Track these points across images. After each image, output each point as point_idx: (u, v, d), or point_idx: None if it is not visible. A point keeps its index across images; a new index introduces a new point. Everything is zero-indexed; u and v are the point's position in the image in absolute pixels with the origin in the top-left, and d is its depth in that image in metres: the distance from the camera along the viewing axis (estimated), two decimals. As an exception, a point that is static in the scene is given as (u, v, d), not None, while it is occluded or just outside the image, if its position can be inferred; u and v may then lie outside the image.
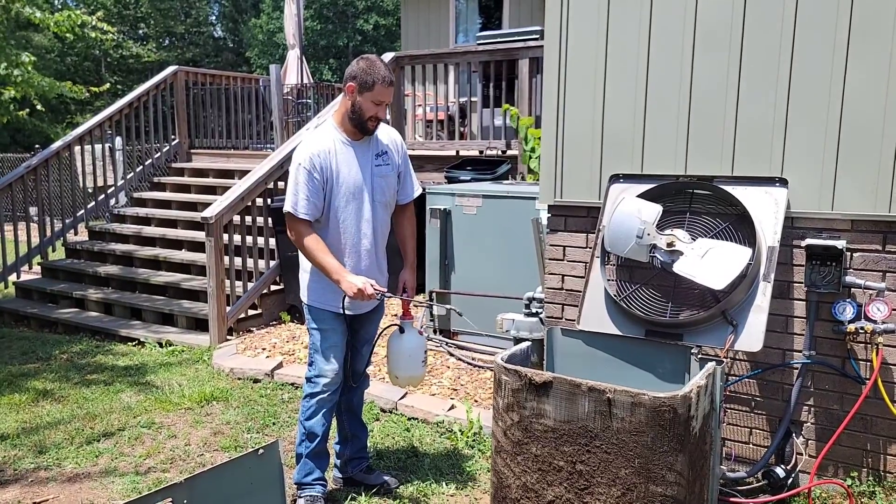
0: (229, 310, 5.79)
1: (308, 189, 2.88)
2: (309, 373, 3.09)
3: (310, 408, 3.06)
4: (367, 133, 2.97)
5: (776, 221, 2.86)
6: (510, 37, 7.71)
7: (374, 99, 2.87)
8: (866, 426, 3.00)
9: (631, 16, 3.28)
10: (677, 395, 2.24)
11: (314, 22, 27.30)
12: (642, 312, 3.00)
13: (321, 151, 2.91)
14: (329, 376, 3.03)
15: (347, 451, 3.28)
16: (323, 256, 2.89)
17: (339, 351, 3.05)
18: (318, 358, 3.05)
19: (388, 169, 3.06)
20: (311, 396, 3.05)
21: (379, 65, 2.89)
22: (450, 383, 4.56)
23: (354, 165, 2.96)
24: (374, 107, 2.89)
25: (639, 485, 2.27)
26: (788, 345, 3.10)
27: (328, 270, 2.88)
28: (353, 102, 2.90)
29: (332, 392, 3.05)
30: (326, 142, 2.95)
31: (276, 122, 8.64)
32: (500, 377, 2.54)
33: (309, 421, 3.06)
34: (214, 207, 5.70)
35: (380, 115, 2.94)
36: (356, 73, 2.88)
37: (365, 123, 2.92)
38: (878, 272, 2.92)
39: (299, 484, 3.09)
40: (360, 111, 2.90)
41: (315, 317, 3.06)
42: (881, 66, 2.82)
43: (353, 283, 2.83)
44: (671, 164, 3.25)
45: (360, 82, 2.87)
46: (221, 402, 4.43)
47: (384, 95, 2.89)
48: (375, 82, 2.86)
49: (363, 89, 2.87)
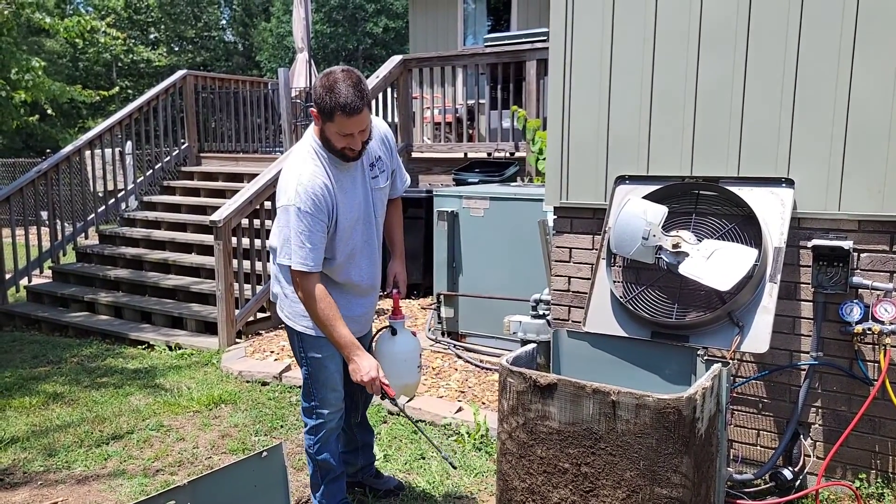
0: (238, 313, 5.82)
1: (314, 237, 2.49)
2: (308, 403, 2.81)
3: (318, 442, 2.80)
4: (347, 161, 2.55)
5: (782, 222, 2.85)
6: (518, 39, 7.72)
7: (337, 130, 2.42)
8: (874, 428, 2.98)
9: (636, 17, 3.27)
10: (682, 397, 2.23)
11: (324, 25, 27.42)
12: (648, 314, 2.99)
13: (320, 187, 2.49)
14: (333, 403, 2.78)
15: (360, 460, 3.16)
16: (339, 327, 2.55)
17: (340, 375, 2.78)
18: (320, 388, 2.76)
19: (383, 178, 2.75)
20: (317, 430, 2.79)
21: (340, 87, 2.36)
22: (457, 386, 4.56)
23: (351, 189, 2.62)
24: (341, 138, 2.45)
25: (644, 487, 2.26)
26: (795, 346, 3.08)
27: (341, 344, 2.57)
28: (322, 130, 2.49)
29: (337, 419, 2.82)
30: (318, 171, 2.52)
31: (284, 126, 8.68)
32: (506, 379, 2.54)
33: (320, 456, 2.81)
34: (223, 211, 5.73)
35: (353, 146, 2.47)
36: (315, 97, 2.41)
37: (340, 153, 2.50)
38: (886, 273, 2.90)
39: None
40: (328, 142, 2.49)
41: (311, 345, 2.74)
42: (888, 64, 2.80)
43: (362, 371, 2.57)
44: (677, 165, 3.24)
45: (319, 109, 2.42)
46: (230, 404, 4.45)
47: (348, 126, 2.40)
48: (334, 111, 2.37)
49: (324, 118, 2.42)
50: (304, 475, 3.49)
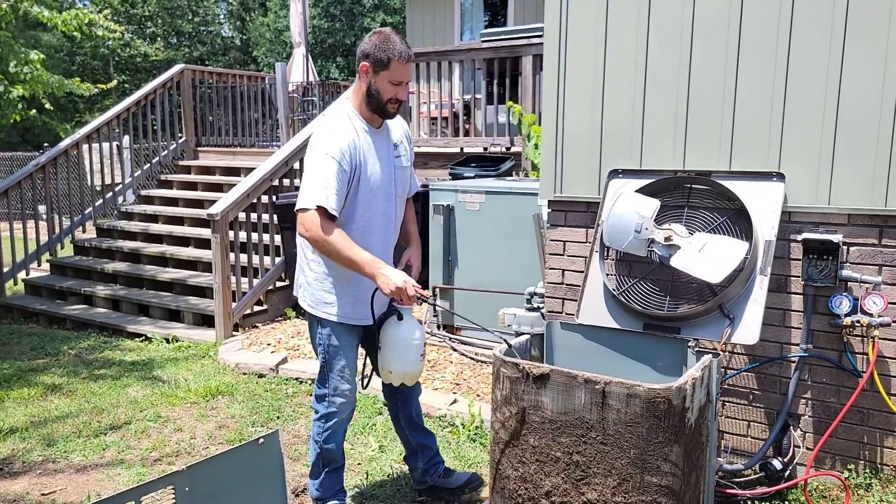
0: (235, 306, 5.85)
1: (338, 182, 2.55)
2: (321, 391, 2.82)
3: (326, 430, 2.82)
4: (387, 117, 2.70)
5: (773, 216, 2.88)
6: (514, 34, 7.74)
7: (391, 78, 2.58)
8: (863, 419, 3.02)
9: (629, 12, 3.30)
10: (672, 387, 2.26)
11: (321, 20, 27.36)
12: (641, 306, 3.02)
13: (349, 141, 2.60)
14: (346, 396, 2.79)
15: (421, 462, 3.11)
16: (355, 250, 2.54)
17: (354, 367, 2.82)
18: (334, 377, 2.78)
19: (405, 160, 2.85)
20: (328, 418, 2.81)
21: (394, 38, 2.58)
22: (452, 378, 4.60)
23: (377, 156, 2.69)
24: (392, 87, 2.60)
25: (634, 475, 2.30)
26: (786, 338, 3.12)
27: (361, 264, 2.54)
28: (369, 84, 2.61)
29: (348, 412, 2.84)
30: (349, 130, 2.64)
31: (281, 120, 8.70)
32: (499, 370, 2.58)
33: (327, 444, 2.83)
34: (220, 204, 5.75)
35: (400, 97, 2.63)
36: (369, 51, 2.57)
37: (384, 107, 2.63)
38: (875, 266, 2.94)
39: (320, 500, 2.92)
40: (378, 93, 2.61)
41: (330, 333, 2.75)
42: (877, 60, 2.83)
43: (392, 280, 2.53)
44: (669, 159, 3.27)
45: (374, 60, 2.57)
46: (227, 396, 4.49)
47: (402, 73, 2.59)
48: (391, 59, 2.55)
49: (378, 68, 2.57)
50: (301, 465, 3.53)
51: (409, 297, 2.56)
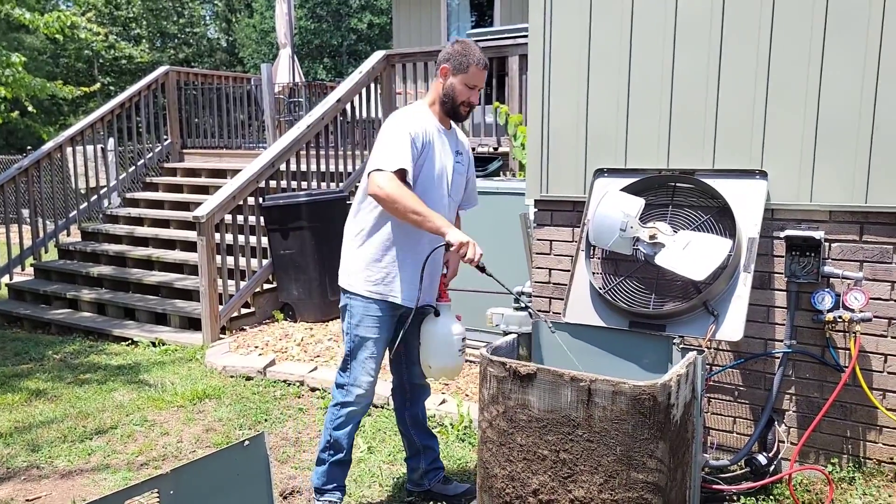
0: (222, 308, 5.82)
1: (410, 151, 2.70)
2: (341, 379, 2.91)
3: (339, 417, 2.90)
4: (458, 119, 2.92)
5: (756, 213, 2.91)
6: (501, 34, 7.74)
7: (467, 82, 2.81)
8: (846, 413, 3.05)
9: (613, 13, 3.32)
10: (657, 384, 2.28)
11: (308, 21, 27.29)
12: (626, 304, 3.04)
13: (423, 126, 2.80)
14: (365, 388, 2.87)
15: (423, 463, 3.15)
16: (423, 206, 2.65)
17: (379, 363, 2.90)
18: (357, 367, 2.86)
19: (463, 168, 3.01)
20: (343, 406, 2.89)
21: (474, 47, 2.84)
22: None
23: (440, 152, 2.87)
24: (467, 90, 2.82)
25: (620, 472, 2.32)
26: (770, 334, 3.15)
27: (432, 217, 2.64)
28: (446, 85, 2.84)
29: (364, 405, 2.91)
30: (426, 118, 2.85)
31: (268, 122, 8.67)
32: (486, 369, 2.58)
33: (338, 431, 2.91)
34: (206, 206, 5.73)
35: (472, 101, 2.86)
36: (450, 56, 2.83)
37: (458, 108, 2.85)
38: (856, 262, 2.97)
39: (319, 489, 2.98)
40: (454, 94, 2.83)
41: (362, 322, 2.84)
42: (856, 60, 2.87)
43: (462, 235, 2.65)
44: (654, 158, 3.29)
45: (455, 64, 2.81)
46: (214, 399, 4.47)
47: (478, 79, 2.83)
48: (470, 64, 2.80)
49: (457, 71, 2.81)
50: (289, 467, 3.52)
51: (473, 257, 2.66)
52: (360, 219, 2.87)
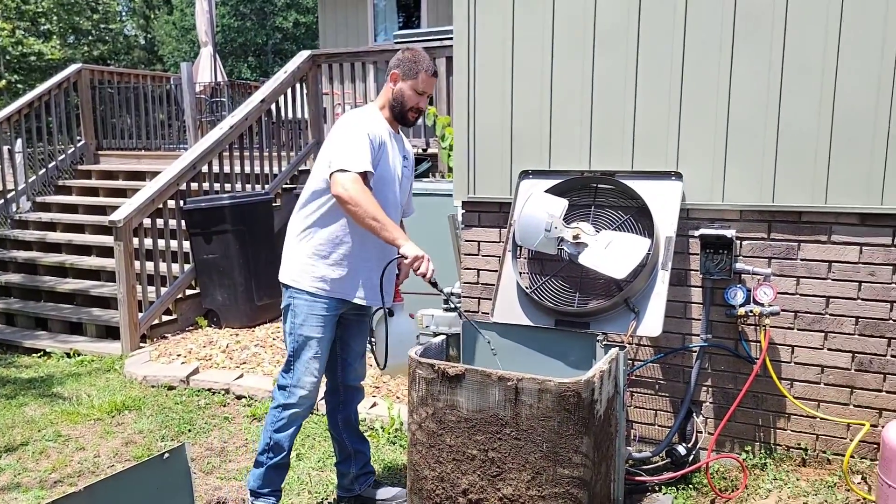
0: (141, 316, 5.61)
1: (369, 150, 2.71)
2: (284, 380, 2.88)
3: (280, 419, 2.87)
4: (406, 124, 2.97)
5: (673, 213, 3.02)
6: (428, 36, 7.77)
7: (416, 88, 2.86)
8: (758, 403, 3.21)
9: (534, 18, 3.38)
10: (581, 380, 2.33)
11: (231, 19, 26.59)
12: (552, 303, 3.10)
13: (377, 127, 2.83)
14: (308, 389, 2.85)
15: (353, 468, 3.12)
16: (383, 213, 2.66)
17: (324, 365, 2.89)
18: (300, 368, 2.84)
19: (409, 173, 3.06)
20: (285, 408, 2.86)
21: (423, 55, 2.91)
22: (372, 381, 4.57)
23: (390, 156, 2.89)
24: (416, 96, 2.88)
25: (547, 468, 2.36)
26: (687, 329, 3.28)
27: (390, 227, 2.65)
28: (396, 90, 2.89)
29: (307, 407, 2.89)
30: (378, 120, 2.89)
31: (189, 122, 8.40)
32: (415, 371, 2.58)
33: (279, 434, 2.88)
34: (123, 210, 5.51)
35: (420, 106, 2.92)
36: (400, 62, 2.89)
37: (406, 113, 2.91)
38: (765, 258, 3.13)
39: (254, 492, 2.94)
40: (403, 99, 2.88)
41: (307, 317, 2.82)
42: (762, 67, 3.02)
43: (417, 249, 2.66)
44: (576, 160, 3.37)
45: (405, 70, 2.87)
46: (134, 410, 4.29)
47: (427, 85, 2.89)
48: (420, 71, 2.86)
49: (407, 77, 2.87)
50: (214, 478, 3.43)
51: (426, 272, 2.68)
52: (308, 215, 2.85)
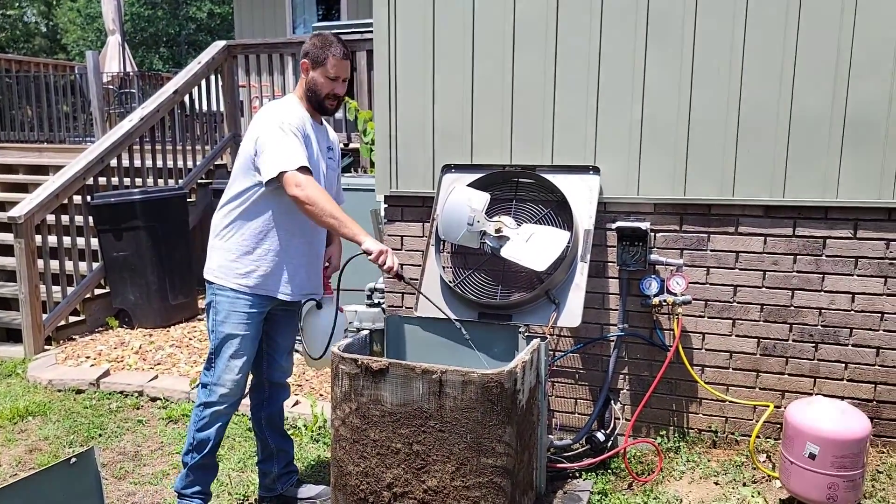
0: (46, 317, 5.30)
1: (301, 143, 2.65)
2: (206, 378, 2.81)
3: (203, 419, 2.80)
4: (325, 113, 2.86)
5: (591, 206, 3.10)
6: (348, 29, 7.66)
7: (327, 73, 2.76)
8: (671, 389, 3.35)
9: (455, 13, 3.39)
10: (503, 371, 2.37)
11: (141, 7, 25.45)
12: (475, 296, 3.13)
13: (300, 119, 2.74)
14: (229, 388, 2.77)
15: (275, 467, 3.04)
16: (340, 210, 2.60)
17: (247, 363, 2.81)
18: (221, 365, 2.77)
19: (335, 164, 2.97)
20: (206, 406, 2.80)
21: (331, 39, 2.79)
22: (294, 379, 4.48)
23: (314, 147, 2.81)
24: (329, 83, 2.77)
25: (471, 458, 2.38)
26: (605, 319, 3.38)
27: (349, 224, 2.58)
28: (308, 80, 2.79)
29: (229, 405, 2.81)
30: (299, 112, 2.78)
31: (95, 113, 7.99)
32: (338, 367, 2.55)
33: (201, 433, 2.81)
34: (24, 206, 5.19)
35: (337, 92, 2.80)
36: (308, 50, 2.78)
37: (323, 101, 2.80)
38: (677, 250, 3.26)
39: (179, 493, 2.87)
40: (316, 88, 2.78)
41: (229, 314, 2.75)
42: (674, 65, 3.14)
43: (378, 245, 2.59)
44: (498, 154, 3.41)
45: (314, 58, 2.77)
46: (38, 416, 4.05)
47: (339, 69, 2.77)
48: (328, 56, 2.75)
49: (316, 65, 2.76)
50: (128, 483, 3.29)
51: (388, 268, 2.60)
52: (230, 210, 2.77)
